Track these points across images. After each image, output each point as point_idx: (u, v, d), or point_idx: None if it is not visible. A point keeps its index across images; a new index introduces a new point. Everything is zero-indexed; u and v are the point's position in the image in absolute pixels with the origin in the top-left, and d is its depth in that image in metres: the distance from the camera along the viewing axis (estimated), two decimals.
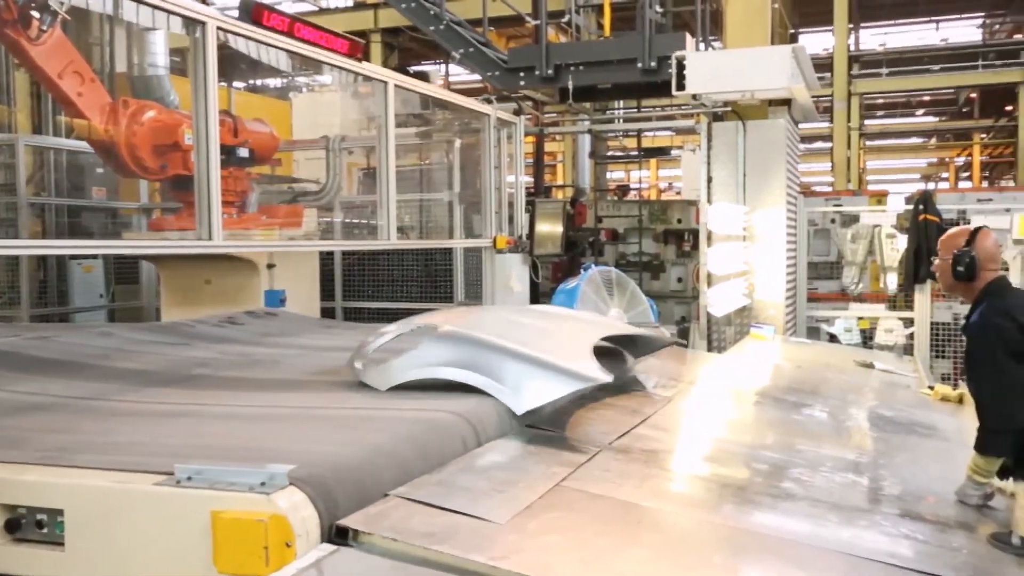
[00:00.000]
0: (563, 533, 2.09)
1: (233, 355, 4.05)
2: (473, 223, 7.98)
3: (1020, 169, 25.28)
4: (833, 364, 5.61)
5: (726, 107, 7.56)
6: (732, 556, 2.14)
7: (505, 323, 3.56)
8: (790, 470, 2.90)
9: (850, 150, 20.14)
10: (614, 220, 10.61)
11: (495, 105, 7.48)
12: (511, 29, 15.23)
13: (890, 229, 8.81)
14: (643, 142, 14.73)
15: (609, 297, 6.17)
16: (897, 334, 8.63)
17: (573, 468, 2.54)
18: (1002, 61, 24.18)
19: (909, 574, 2.02)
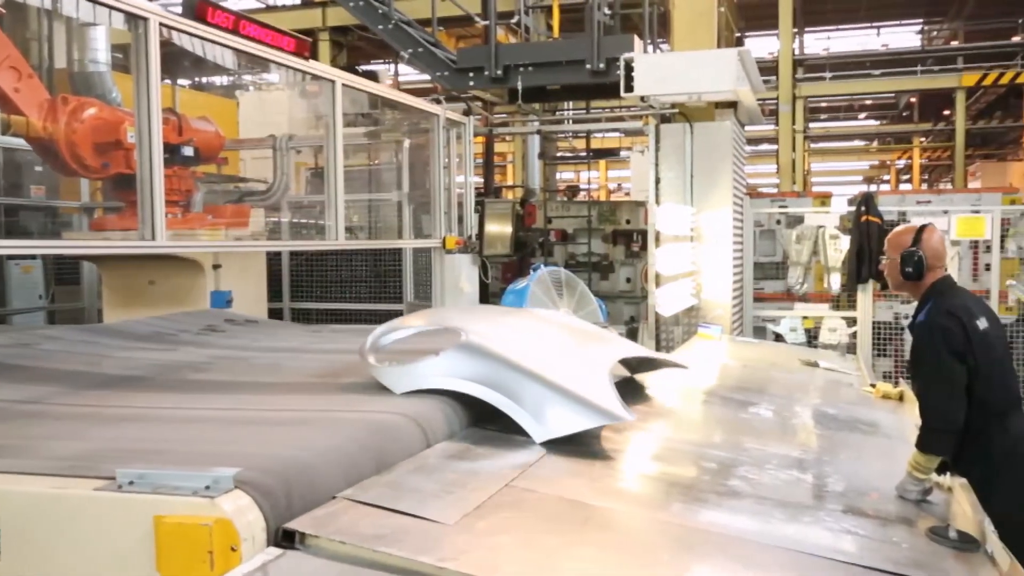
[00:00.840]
0: (512, 533, 2.09)
1: (192, 358, 3.99)
2: (422, 223, 7.95)
3: (957, 172, 25.95)
4: (779, 363, 5.69)
5: (673, 109, 7.64)
6: (680, 553, 2.16)
7: (525, 337, 3.52)
8: (737, 468, 2.93)
9: (795, 152, 20.47)
10: (564, 221, 10.66)
11: (444, 105, 7.47)
12: (460, 29, 15.22)
13: (833, 230, 8.98)
14: (592, 143, 14.82)
15: (558, 297, 6.19)
16: (840, 333, 8.79)
17: (522, 468, 2.55)
18: (940, 67, 24.81)
19: (851, 568, 2.06)
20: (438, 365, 3.02)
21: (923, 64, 24.79)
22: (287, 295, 9.02)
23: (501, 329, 3.56)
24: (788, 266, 9.33)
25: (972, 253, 9.35)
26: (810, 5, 23.49)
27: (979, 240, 8.98)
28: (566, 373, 3.09)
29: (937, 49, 27.61)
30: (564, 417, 2.84)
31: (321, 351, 4.33)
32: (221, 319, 5.43)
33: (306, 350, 4.37)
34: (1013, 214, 9.12)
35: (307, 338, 4.88)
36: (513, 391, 2.90)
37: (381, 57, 19.88)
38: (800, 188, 20.73)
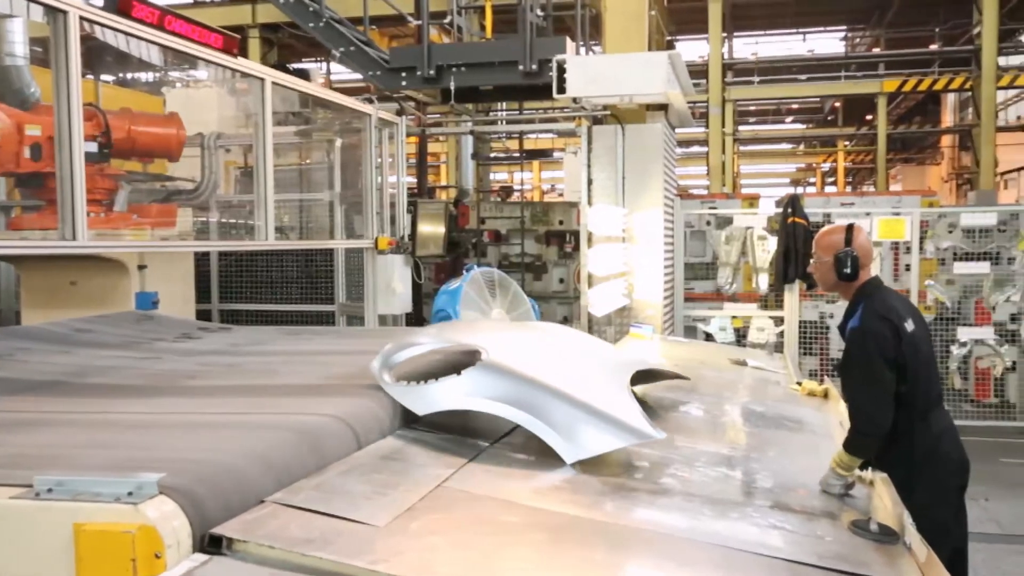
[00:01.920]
0: (445, 534, 2.08)
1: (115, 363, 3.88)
2: (354, 224, 7.89)
3: (879, 175, 26.71)
4: (708, 362, 5.77)
5: (605, 111, 7.71)
6: (613, 552, 2.17)
7: (542, 353, 3.47)
8: (668, 466, 2.96)
9: (724, 155, 20.81)
10: (497, 221, 10.67)
11: (376, 105, 7.41)
12: (393, 29, 15.14)
13: (761, 231, 9.16)
14: (526, 144, 14.86)
15: (491, 298, 6.20)
16: (768, 332, 8.97)
17: (456, 469, 2.54)
18: (863, 73, 25.50)
19: (777, 563, 2.10)
20: (462, 385, 2.90)
21: (847, 70, 25.48)
22: (216, 296, 8.85)
23: (517, 345, 3.50)
24: (718, 266, 9.50)
25: (893, 254, 9.63)
26: (739, 10, 23.93)
27: (899, 241, 9.24)
28: (591, 390, 3.05)
29: (860, 56, 28.37)
30: (594, 437, 2.81)
31: (278, 353, 4.24)
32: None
33: (261, 353, 4.28)
34: (931, 216, 9.42)
35: (324, 342, 4.76)
36: (541, 410, 2.83)
37: (313, 55, 19.65)
38: (730, 190, 21.11)
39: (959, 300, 9.31)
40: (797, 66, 26.35)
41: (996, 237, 9.33)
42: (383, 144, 7.53)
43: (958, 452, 3.64)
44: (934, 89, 24.51)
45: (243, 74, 5.77)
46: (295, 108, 8.63)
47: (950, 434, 3.64)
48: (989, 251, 9.26)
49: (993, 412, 9.22)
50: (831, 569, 2.07)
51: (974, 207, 11.97)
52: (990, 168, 18.76)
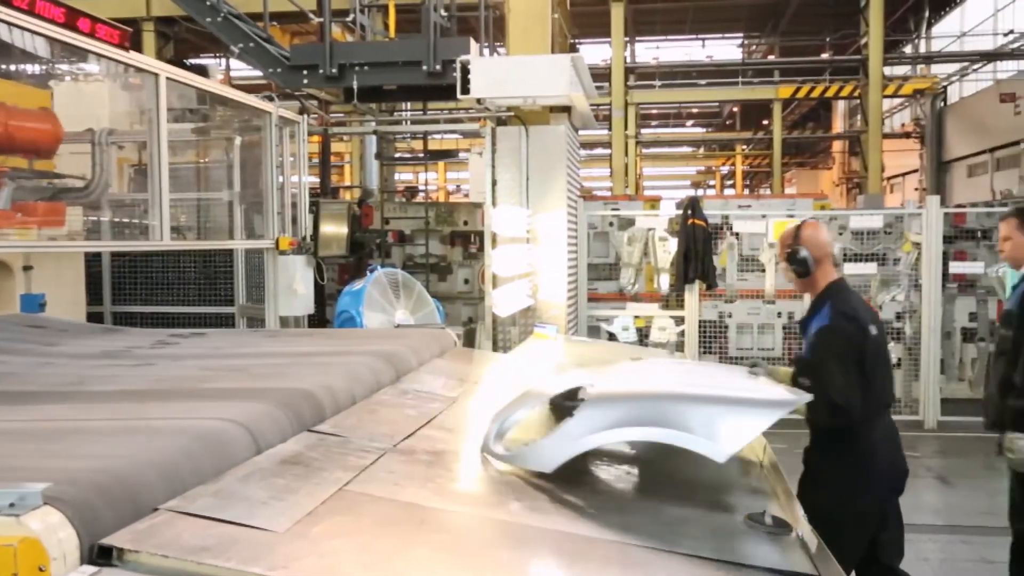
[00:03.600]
0: (346, 538, 2.05)
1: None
2: (255, 224, 7.72)
3: (775, 178, 27.56)
4: (611, 361, 5.82)
5: (509, 112, 7.74)
6: (517, 551, 2.18)
7: (640, 374, 3.36)
8: (572, 465, 2.99)
9: (627, 157, 21.15)
10: (401, 222, 10.62)
11: (277, 103, 7.28)
12: (295, 26, 14.88)
13: (662, 233, 9.34)
14: (430, 145, 14.81)
15: (395, 299, 6.16)
16: (670, 332, 9.16)
17: (357, 472, 2.50)
18: (759, 79, 26.29)
19: (676, 557, 2.14)
20: (580, 426, 2.66)
21: (744, 76, 26.22)
22: (108, 298, 8.55)
23: (614, 374, 3.36)
24: (620, 267, 9.65)
25: None
26: (641, 15, 24.37)
27: None
28: (712, 386, 2.94)
29: (756, 62, 29.26)
30: (739, 424, 2.62)
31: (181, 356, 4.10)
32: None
33: (162, 357, 4.13)
34: (823, 219, 9.76)
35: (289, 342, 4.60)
36: (671, 420, 2.60)
37: (212, 51, 19.18)
38: (632, 191, 21.48)
39: None
40: (697, 71, 27.01)
41: (882, 239, 9.74)
42: (284, 143, 7.40)
43: (895, 459, 3.76)
44: (825, 96, 25.46)
45: (136, 69, 5.58)
46: (192, 105, 8.41)
47: (890, 442, 3.75)
48: (876, 252, 9.66)
49: None
50: (727, 561, 2.12)
51: (862, 210, 12.46)
52: (877, 173, 19.57)
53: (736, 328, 9.94)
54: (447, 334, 4.95)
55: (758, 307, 9.89)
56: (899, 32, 26.95)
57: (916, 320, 9.35)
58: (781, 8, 24.92)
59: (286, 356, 3.96)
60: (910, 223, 9.54)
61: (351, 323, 6.40)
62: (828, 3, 23.54)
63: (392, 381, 3.66)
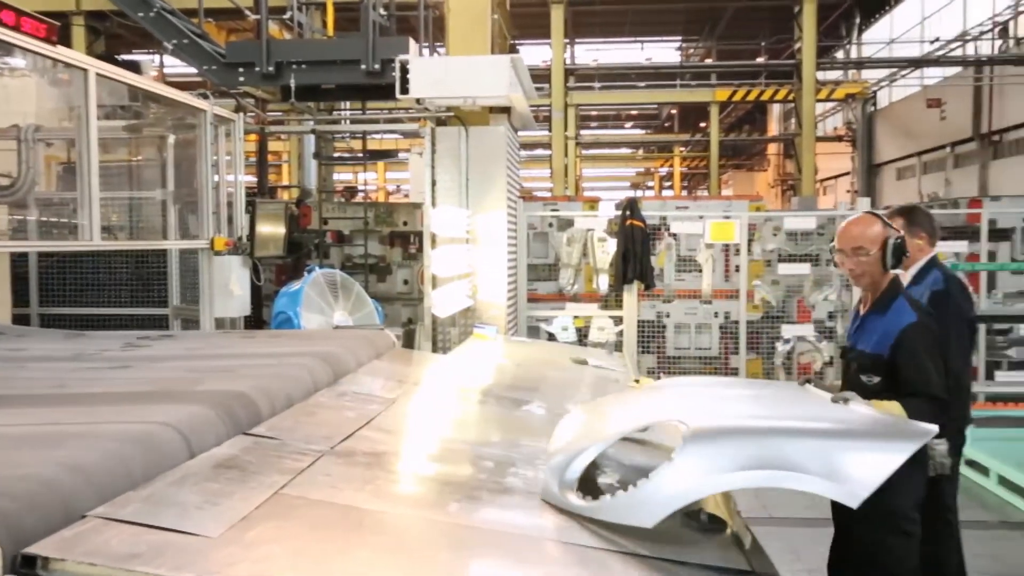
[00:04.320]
0: (281, 542, 2.02)
1: None
2: (189, 223, 7.58)
3: (712, 180, 27.97)
4: (551, 361, 5.87)
5: (449, 112, 7.73)
6: (456, 552, 2.17)
7: (731, 401, 3.09)
8: (511, 466, 2.99)
9: (567, 158, 21.25)
10: (340, 222, 10.52)
11: (212, 101, 7.15)
12: (231, 23, 14.65)
13: (602, 233, 9.41)
14: (370, 144, 14.70)
15: (334, 300, 6.10)
16: (608, 332, 9.23)
17: (293, 475, 2.47)
18: (697, 82, 26.67)
19: (613, 555, 2.16)
20: (684, 471, 2.33)
21: (682, 79, 26.57)
22: (35, 299, 8.32)
23: (697, 399, 3.11)
24: (560, 268, 9.69)
25: (724, 256, 10.10)
26: (580, 18, 24.52)
27: (729, 243, 9.71)
28: (819, 419, 2.70)
29: (693, 65, 29.65)
30: (873, 462, 2.33)
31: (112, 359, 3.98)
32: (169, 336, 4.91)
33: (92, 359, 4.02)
34: (758, 220, 9.95)
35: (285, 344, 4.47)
36: (793, 461, 2.30)
37: (146, 47, 18.78)
38: (572, 192, 21.60)
39: (783, 299, 9.87)
40: (636, 73, 27.27)
41: (815, 240, 9.95)
42: (220, 142, 7.27)
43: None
44: (761, 100, 25.92)
45: (65, 64, 5.43)
46: (124, 102, 8.22)
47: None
48: (809, 253, 9.86)
49: None
50: (663, 559, 2.14)
51: (796, 211, 12.71)
52: (811, 175, 19.96)
53: (674, 328, 10.06)
54: (386, 335, 4.92)
55: (695, 307, 10.02)
56: (831, 38, 27.57)
57: (847, 319, 9.56)
58: (718, 12, 25.31)
59: (236, 357, 3.90)
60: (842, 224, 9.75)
61: (288, 324, 6.32)
62: (763, 8, 23.98)
63: (330, 383, 3.62)
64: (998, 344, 10.26)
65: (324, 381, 3.57)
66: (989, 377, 9.92)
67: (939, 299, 4.28)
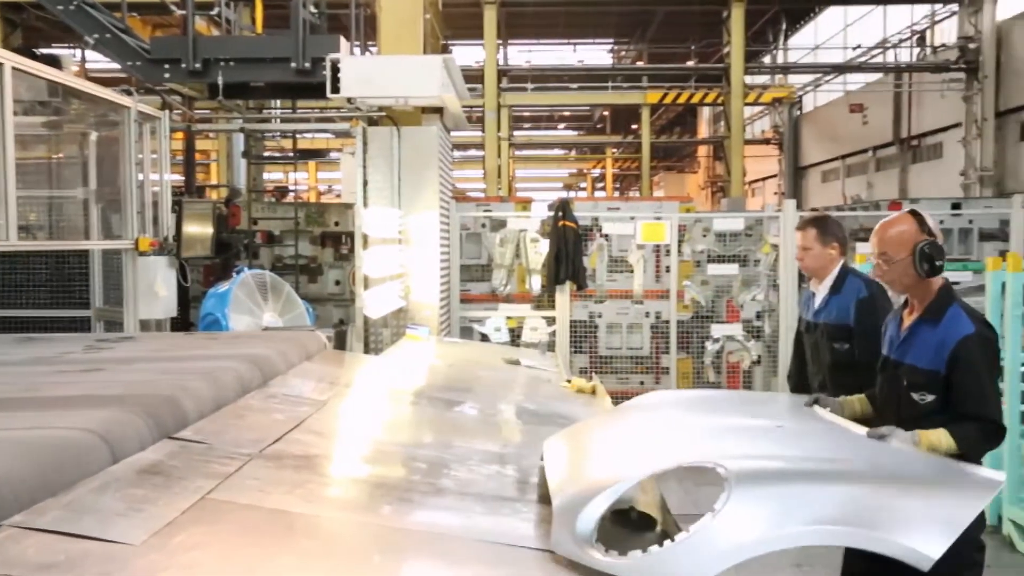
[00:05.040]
0: (207, 548, 1.98)
1: None
2: (112, 223, 7.39)
3: (643, 181, 28.29)
4: (484, 362, 5.88)
5: (381, 112, 7.68)
6: (388, 555, 2.16)
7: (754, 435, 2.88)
8: (444, 467, 2.98)
9: (500, 159, 21.28)
10: (270, 222, 10.38)
11: (136, 97, 6.99)
12: (157, 17, 14.34)
13: (534, 234, 9.45)
14: (301, 144, 14.53)
15: (263, 301, 6.01)
16: (541, 332, 9.26)
17: (220, 479, 2.43)
18: (628, 84, 26.95)
19: (545, 554, 2.17)
20: (735, 521, 2.05)
21: (614, 81, 26.84)
22: None
23: (716, 432, 2.88)
24: (492, 268, 9.70)
25: (655, 256, 10.22)
26: (513, 19, 24.57)
27: (660, 244, 9.83)
28: (876, 466, 2.51)
29: (625, 68, 29.97)
30: (939, 519, 2.14)
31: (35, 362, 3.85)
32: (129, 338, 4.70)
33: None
34: (688, 221, 10.09)
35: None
36: (851, 516, 2.06)
37: (67, 41, 18.28)
38: (505, 193, 21.64)
39: (712, 299, 10.04)
40: (569, 75, 27.45)
41: (743, 241, 10.14)
42: (144, 139, 7.11)
43: None
44: (691, 102, 26.34)
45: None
46: (44, 97, 7.97)
47: None
48: (738, 254, 10.04)
49: None
50: None
51: (725, 213, 12.94)
52: (739, 177, 20.34)
53: (606, 328, 10.15)
54: (317, 336, 4.87)
55: (627, 307, 10.13)
56: (759, 43, 28.12)
57: (775, 319, 9.76)
58: (649, 16, 25.62)
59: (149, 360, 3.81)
60: (769, 226, 9.96)
61: (216, 326, 6.20)
62: (693, 13, 24.35)
63: (259, 385, 3.56)
64: None
65: (253, 383, 3.51)
66: None
67: (867, 307, 4.30)
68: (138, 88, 7.76)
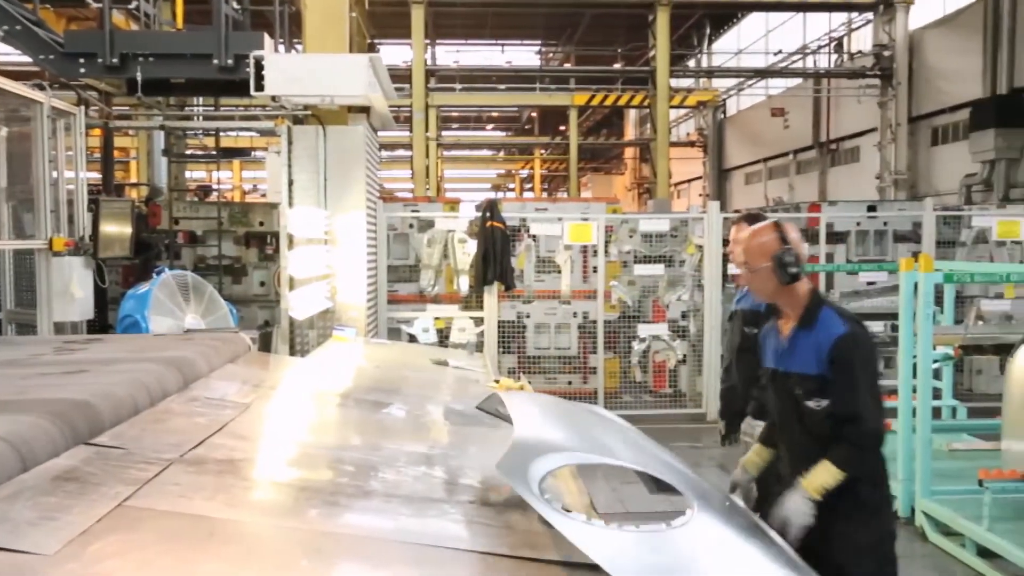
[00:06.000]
0: (124, 556, 1.92)
1: None
2: (25, 222, 7.15)
3: (571, 182, 28.53)
4: (411, 363, 5.85)
5: (306, 111, 7.58)
6: (315, 560, 2.13)
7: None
8: (371, 469, 2.96)
9: (428, 159, 21.22)
10: (193, 222, 10.18)
11: (50, 92, 6.77)
12: (72, 10, 13.92)
13: (462, 235, 9.45)
14: (226, 142, 14.26)
15: (185, 302, 5.88)
16: (469, 332, 9.27)
17: (139, 485, 2.36)
18: (556, 86, 27.14)
19: (470, 555, 2.17)
20: None
21: (542, 82, 27.00)
22: None
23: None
24: (420, 269, 9.67)
25: (582, 257, 10.31)
26: (441, 18, 24.53)
27: (588, 245, 9.92)
28: None
29: (553, 69, 30.17)
30: None
31: None
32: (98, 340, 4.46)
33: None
34: (615, 222, 10.21)
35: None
36: None
37: None
38: (433, 194, 21.59)
39: (639, 299, 10.17)
40: (497, 76, 27.51)
41: (669, 242, 10.30)
42: (59, 136, 6.89)
43: None
44: (618, 104, 26.64)
45: None
46: None
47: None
48: (664, 254, 10.19)
49: (668, 401, 10.15)
50: (518, 557, 2.16)
51: (651, 214, 13.13)
52: (665, 179, 20.63)
53: (534, 328, 10.20)
54: (241, 338, 4.78)
55: (555, 307, 10.19)
56: (684, 47, 28.63)
57: (699, 319, 9.93)
58: (577, 18, 25.85)
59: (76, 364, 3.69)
60: (694, 227, 10.14)
61: (135, 328, 6.05)
62: (620, 16, 24.64)
63: (180, 388, 3.48)
64: None
65: (174, 387, 3.43)
66: None
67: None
68: (52, 83, 7.50)
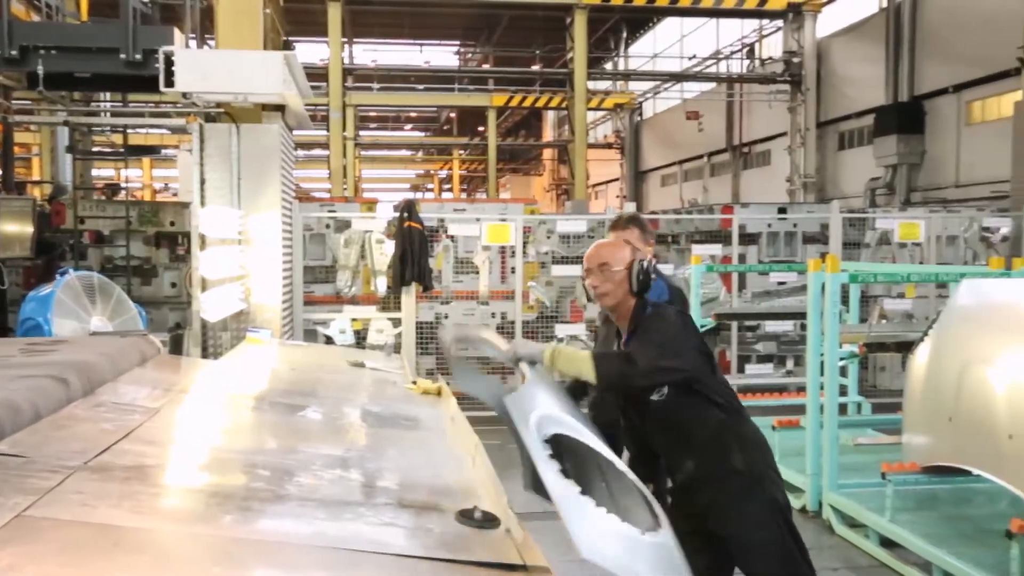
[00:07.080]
0: (23, 569, 1.85)
1: None
2: None
3: (490, 183, 28.61)
4: (327, 365, 5.77)
5: (219, 108, 7.42)
6: (228, 567, 2.08)
7: None
8: (286, 473, 2.91)
9: (346, 159, 21.01)
10: (100, 221, 9.86)
11: None
12: None
13: (379, 235, 9.38)
14: (135, 139, 13.86)
15: (91, 305, 5.70)
16: (387, 334, 9.20)
17: (39, 495, 2.27)
18: (475, 86, 27.18)
19: (385, 558, 2.15)
20: None
21: (460, 83, 27.01)
22: None
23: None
24: (337, 270, 9.56)
25: (500, 257, 10.34)
26: (358, 17, 24.31)
27: (506, 245, 9.95)
28: None
29: (471, 70, 30.21)
30: None
31: None
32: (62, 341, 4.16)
33: None
34: (533, 223, 10.26)
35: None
36: None
37: None
38: (351, 194, 21.38)
39: (557, 300, 10.24)
40: (415, 76, 27.41)
41: (587, 243, 10.39)
42: None
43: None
44: (536, 106, 26.83)
45: None
46: None
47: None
48: (581, 255, 10.27)
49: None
50: (436, 558, 2.16)
51: (568, 215, 13.24)
52: (583, 180, 20.84)
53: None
54: (150, 341, 4.65)
55: (473, 308, 10.19)
56: (601, 50, 28.97)
57: None
58: (495, 20, 25.91)
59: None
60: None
61: (37, 331, 5.82)
62: (538, 18, 24.79)
63: (85, 393, 3.37)
64: (747, 340, 11.15)
65: (78, 392, 3.32)
66: (740, 370, 10.77)
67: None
68: None
